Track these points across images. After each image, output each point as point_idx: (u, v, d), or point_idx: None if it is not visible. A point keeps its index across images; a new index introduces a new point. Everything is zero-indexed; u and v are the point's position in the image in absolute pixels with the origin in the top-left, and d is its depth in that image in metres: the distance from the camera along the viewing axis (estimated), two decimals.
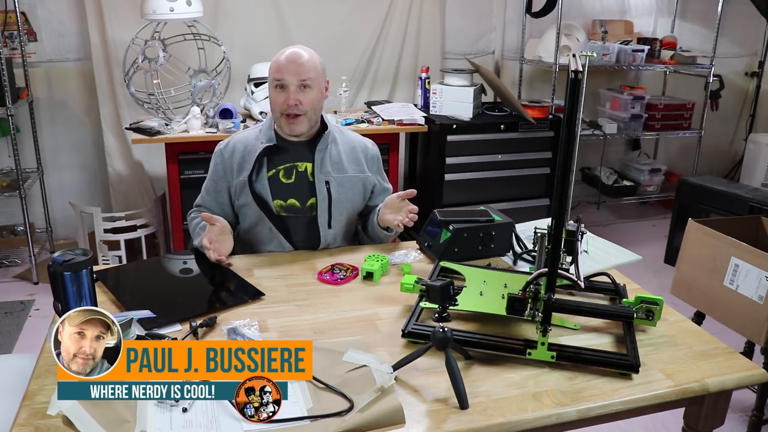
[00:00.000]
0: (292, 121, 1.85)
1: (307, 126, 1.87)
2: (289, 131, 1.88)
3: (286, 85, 1.82)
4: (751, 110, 4.91)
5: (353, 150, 1.97)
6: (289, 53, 1.84)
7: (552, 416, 1.18)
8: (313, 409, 1.14)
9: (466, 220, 1.83)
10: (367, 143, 2.02)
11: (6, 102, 3.16)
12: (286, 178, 1.91)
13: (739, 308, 2.12)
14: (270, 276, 1.71)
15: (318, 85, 1.85)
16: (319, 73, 1.86)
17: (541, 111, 3.63)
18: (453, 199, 3.50)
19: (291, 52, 1.84)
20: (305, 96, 1.82)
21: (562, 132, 1.18)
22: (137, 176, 3.71)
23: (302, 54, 1.83)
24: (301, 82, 1.81)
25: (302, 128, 1.87)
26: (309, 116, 1.86)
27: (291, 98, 1.81)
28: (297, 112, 1.83)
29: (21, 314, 3.09)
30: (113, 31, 3.44)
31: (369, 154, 2.00)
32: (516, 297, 1.32)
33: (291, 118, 1.84)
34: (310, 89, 1.83)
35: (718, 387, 1.29)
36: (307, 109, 1.84)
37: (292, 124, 1.85)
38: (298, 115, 1.84)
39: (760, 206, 3.18)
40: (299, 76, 1.81)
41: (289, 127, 1.86)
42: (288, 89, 1.82)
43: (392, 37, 3.95)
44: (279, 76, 1.82)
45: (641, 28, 4.56)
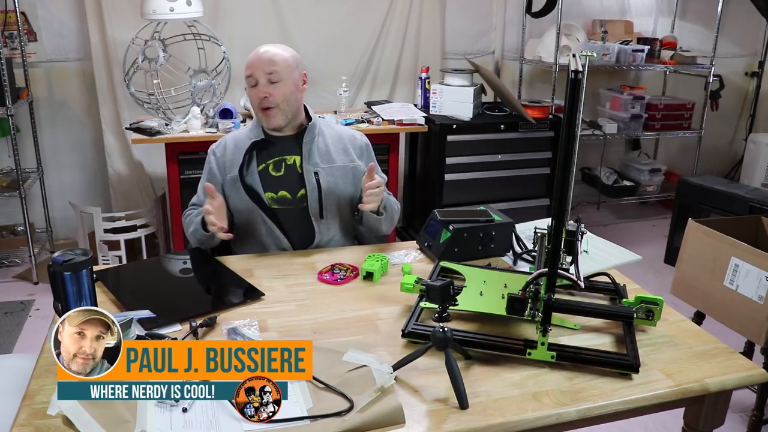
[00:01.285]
0: (266, 114, 1.90)
1: (283, 118, 1.91)
2: (266, 124, 1.92)
3: (257, 80, 1.87)
4: (751, 110, 4.91)
5: (341, 141, 2.00)
6: (258, 51, 1.90)
7: (552, 416, 1.18)
8: (313, 409, 1.14)
9: (466, 220, 1.83)
10: (354, 134, 2.05)
11: (6, 102, 3.16)
12: (276, 171, 1.94)
13: (739, 308, 2.12)
14: (270, 276, 1.71)
15: (289, 77, 1.89)
16: (290, 65, 1.90)
17: (541, 111, 3.63)
18: (453, 199, 3.50)
19: (261, 50, 1.90)
20: (274, 89, 1.87)
21: (562, 132, 1.17)
22: (137, 176, 3.72)
23: (270, 49, 1.89)
24: (269, 76, 1.87)
25: (278, 120, 1.91)
26: (282, 108, 1.89)
27: (260, 91, 1.87)
28: (268, 105, 1.88)
29: (21, 314, 3.09)
30: (113, 31, 3.44)
31: (357, 143, 2.02)
32: (516, 297, 1.32)
33: (265, 112, 1.90)
34: (279, 83, 1.87)
35: (718, 387, 1.29)
36: (278, 102, 1.88)
37: (266, 117, 1.90)
38: (270, 108, 1.88)
39: (760, 206, 3.18)
40: (265, 69, 1.86)
41: (266, 120, 1.91)
42: (259, 84, 1.87)
43: (392, 37, 3.95)
44: (249, 73, 1.89)
45: (641, 28, 4.56)
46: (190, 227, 1.91)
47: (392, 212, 1.96)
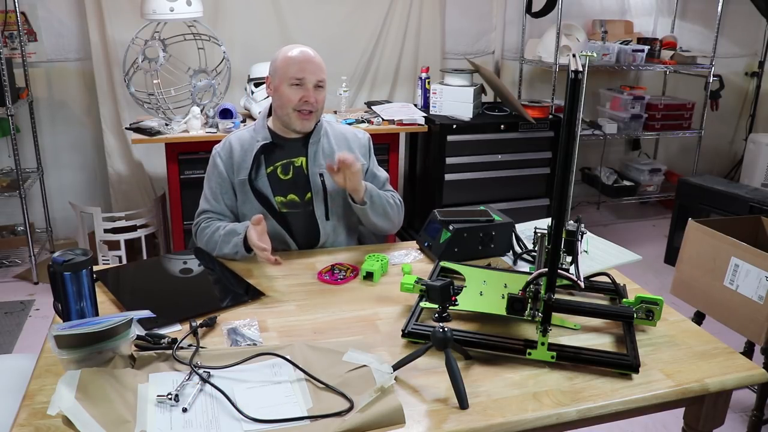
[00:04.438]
0: (306, 118, 1.89)
1: (314, 124, 1.93)
2: (301, 127, 1.91)
3: (305, 84, 1.86)
4: (751, 110, 4.91)
5: (345, 140, 2.00)
6: (304, 52, 1.88)
7: (552, 416, 1.17)
8: (313, 409, 1.14)
9: (466, 220, 1.83)
10: (357, 132, 2.05)
11: (6, 102, 3.16)
12: (284, 174, 1.93)
13: (739, 308, 2.12)
14: (270, 276, 1.71)
15: (326, 85, 1.92)
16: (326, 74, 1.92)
17: (541, 111, 3.63)
18: (453, 199, 3.50)
19: (305, 51, 1.89)
20: (319, 95, 1.89)
21: (562, 132, 1.17)
22: (137, 176, 3.72)
23: (315, 55, 1.90)
24: (318, 82, 1.88)
25: (311, 125, 1.92)
26: (318, 114, 1.92)
27: (311, 96, 1.86)
28: (310, 108, 1.88)
29: (21, 314, 3.09)
30: (113, 31, 3.44)
31: (360, 142, 2.02)
32: (516, 297, 1.32)
33: (305, 115, 1.88)
34: (323, 89, 1.90)
35: (718, 387, 1.29)
36: (318, 108, 1.90)
37: (305, 121, 1.89)
38: (311, 112, 1.89)
39: (760, 206, 3.18)
40: (317, 75, 1.87)
41: (302, 124, 1.90)
42: (307, 87, 1.86)
43: (392, 37, 3.95)
44: (300, 75, 1.85)
45: (641, 28, 4.56)
46: (224, 248, 1.80)
47: (383, 206, 1.88)
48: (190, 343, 1.33)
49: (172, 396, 1.13)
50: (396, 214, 1.96)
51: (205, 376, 1.20)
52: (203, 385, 1.19)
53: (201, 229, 1.90)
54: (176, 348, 1.29)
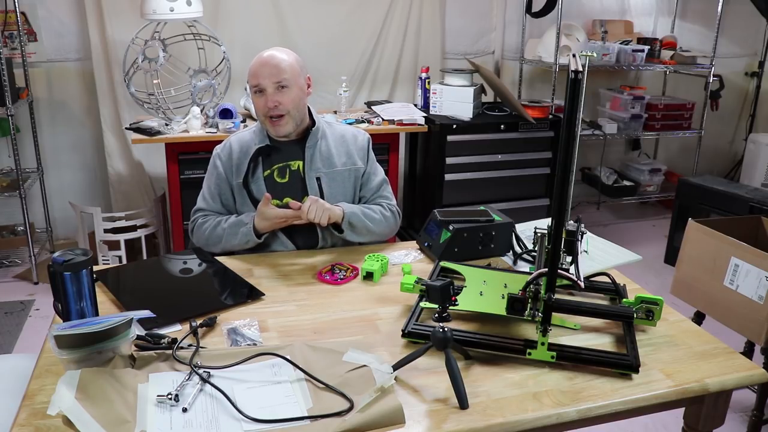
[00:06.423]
0: (276, 123, 1.86)
1: (293, 125, 1.89)
2: (275, 133, 1.89)
3: (264, 89, 1.83)
4: (751, 110, 4.91)
5: (344, 141, 1.98)
6: (263, 57, 1.85)
7: (552, 416, 1.17)
8: (313, 409, 1.14)
9: (466, 220, 1.83)
10: (356, 132, 2.03)
11: (6, 102, 3.16)
12: (281, 178, 1.93)
13: (739, 308, 2.12)
14: (270, 276, 1.71)
15: (296, 83, 1.86)
16: (296, 71, 1.86)
17: (541, 111, 3.63)
18: (453, 199, 3.50)
19: (265, 55, 1.85)
20: (284, 96, 1.84)
21: (562, 132, 1.17)
22: (137, 176, 3.71)
23: (275, 55, 1.85)
24: (278, 84, 1.83)
25: (287, 128, 1.88)
26: (292, 115, 1.87)
27: (270, 101, 1.83)
28: (278, 113, 1.85)
29: (21, 314, 3.09)
30: (113, 31, 3.44)
31: (359, 144, 2.00)
32: (516, 297, 1.32)
33: (274, 120, 1.86)
34: (288, 89, 1.84)
35: (718, 387, 1.29)
36: (288, 109, 1.85)
37: (276, 126, 1.87)
38: (281, 116, 1.86)
39: (760, 206, 3.18)
40: (274, 78, 1.82)
41: (274, 129, 1.88)
42: (266, 92, 1.83)
43: (392, 37, 3.95)
44: (255, 81, 1.84)
45: (641, 28, 4.56)
46: (231, 240, 1.84)
47: (365, 227, 1.89)
48: (190, 343, 1.33)
49: (172, 396, 1.13)
50: (385, 227, 1.95)
51: (205, 376, 1.20)
52: (203, 385, 1.19)
53: (198, 225, 1.91)
54: (176, 348, 1.29)
